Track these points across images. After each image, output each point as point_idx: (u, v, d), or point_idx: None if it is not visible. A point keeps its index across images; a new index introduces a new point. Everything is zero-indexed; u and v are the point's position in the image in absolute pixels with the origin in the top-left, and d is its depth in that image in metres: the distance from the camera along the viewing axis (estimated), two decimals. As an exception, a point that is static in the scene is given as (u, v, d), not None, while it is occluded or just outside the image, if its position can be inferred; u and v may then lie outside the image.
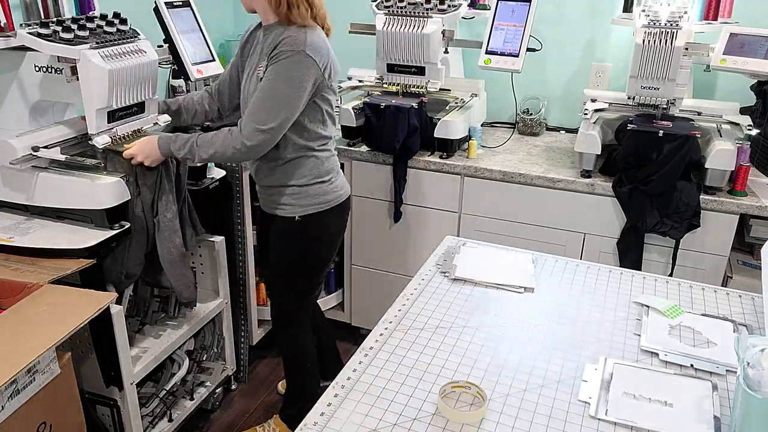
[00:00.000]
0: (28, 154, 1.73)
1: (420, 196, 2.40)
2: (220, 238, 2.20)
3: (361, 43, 2.59)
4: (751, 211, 2.00)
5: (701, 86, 2.45)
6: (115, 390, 1.79)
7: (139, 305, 2.04)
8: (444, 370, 1.17)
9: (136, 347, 1.96)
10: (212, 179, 2.08)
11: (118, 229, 1.74)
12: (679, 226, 2.04)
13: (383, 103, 2.30)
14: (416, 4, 2.29)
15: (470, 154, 2.35)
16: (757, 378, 0.92)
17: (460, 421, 1.03)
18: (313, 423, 1.03)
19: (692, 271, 2.12)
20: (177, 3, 1.98)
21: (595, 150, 2.13)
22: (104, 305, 1.49)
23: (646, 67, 2.03)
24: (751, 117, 2.17)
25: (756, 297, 1.45)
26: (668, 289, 1.48)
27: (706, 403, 1.09)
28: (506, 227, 2.31)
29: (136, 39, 1.78)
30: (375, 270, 2.60)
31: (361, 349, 1.23)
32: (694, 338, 1.28)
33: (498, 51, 2.25)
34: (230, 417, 2.34)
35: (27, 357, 1.28)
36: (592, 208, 2.18)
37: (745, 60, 1.97)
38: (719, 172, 2.02)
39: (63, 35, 1.63)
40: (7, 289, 1.52)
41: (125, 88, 1.73)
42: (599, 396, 1.10)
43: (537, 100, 2.69)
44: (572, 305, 1.39)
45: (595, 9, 2.57)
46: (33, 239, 1.69)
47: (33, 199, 1.78)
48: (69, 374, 1.51)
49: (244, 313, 2.45)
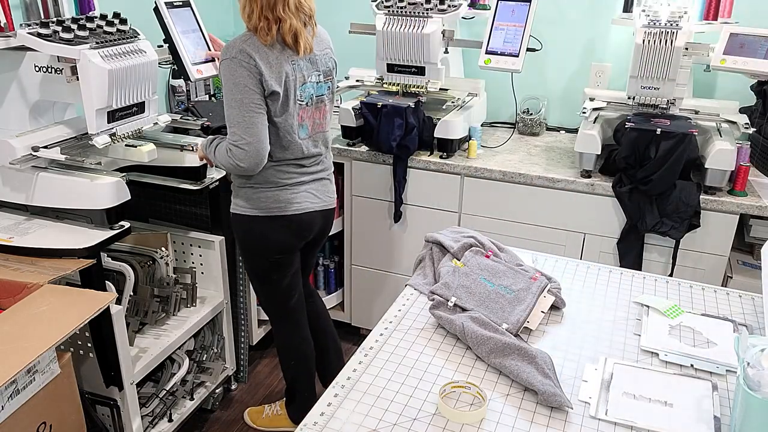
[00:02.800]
0: (28, 154, 1.73)
1: (420, 196, 2.41)
2: (220, 238, 2.20)
3: (361, 43, 2.59)
4: (751, 211, 2.00)
5: (701, 86, 2.45)
6: (115, 390, 1.79)
7: (139, 305, 2.04)
8: (444, 370, 1.17)
9: (136, 347, 1.96)
10: (212, 179, 2.08)
11: (118, 229, 1.74)
12: (679, 226, 2.04)
13: (380, 103, 2.30)
14: (416, 4, 2.29)
15: (470, 154, 2.35)
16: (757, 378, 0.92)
17: (460, 421, 1.03)
18: (313, 423, 1.03)
19: (692, 271, 2.12)
20: (177, 3, 1.98)
21: (595, 150, 2.13)
22: (104, 305, 1.49)
23: (646, 67, 2.03)
24: (750, 117, 2.18)
25: (756, 297, 1.45)
26: (668, 289, 1.48)
27: (706, 403, 1.09)
28: (506, 227, 2.31)
29: (136, 39, 1.78)
30: (375, 270, 2.60)
31: (361, 349, 1.23)
32: (694, 338, 1.28)
33: (498, 51, 2.25)
34: (230, 417, 2.34)
35: (27, 357, 1.28)
36: (592, 208, 2.18)
37: (745, 60, 1.97)
38: (719, 172, 2.02)
39: (63, 35, 1.63)
40: (7, 289, 1.52)
41: (125, 88, 1.73)
42: (599, 396, 1.10)
43: (537, 100, 2.69)
44: (572, 305, 1.39)
45: (595, 9, 2.57)
46: (33, 239, 1.69)
47: (33, 199, 1.78)
48: (69, 374, 1.51)
49: (244, 313, 2.45)
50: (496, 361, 1.16)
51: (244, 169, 1.71)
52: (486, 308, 1.28)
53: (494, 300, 1.29)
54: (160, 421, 2.05)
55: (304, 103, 1.79)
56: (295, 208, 1.85)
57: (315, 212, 1.90)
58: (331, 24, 2.96)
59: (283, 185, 1.82)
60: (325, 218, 1.97)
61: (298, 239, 1.92)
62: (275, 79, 1.68)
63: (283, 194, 1.83)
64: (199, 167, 2.01)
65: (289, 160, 1.81)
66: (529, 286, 1.32)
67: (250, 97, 1.65)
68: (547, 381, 1.08)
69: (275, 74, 1.68)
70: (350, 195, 2.51)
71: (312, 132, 1.84)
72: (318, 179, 1.91)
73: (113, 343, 1.69)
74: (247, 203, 1.83)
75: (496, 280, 1.34)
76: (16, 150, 1.70)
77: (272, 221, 1.84)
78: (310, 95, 1.80)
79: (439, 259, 1.48)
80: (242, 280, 2.40)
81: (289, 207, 1.84)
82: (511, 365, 1.13)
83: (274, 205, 1.82)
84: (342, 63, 2.80)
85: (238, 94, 1.65)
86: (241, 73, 1.63)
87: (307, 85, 1.78)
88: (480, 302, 1.29)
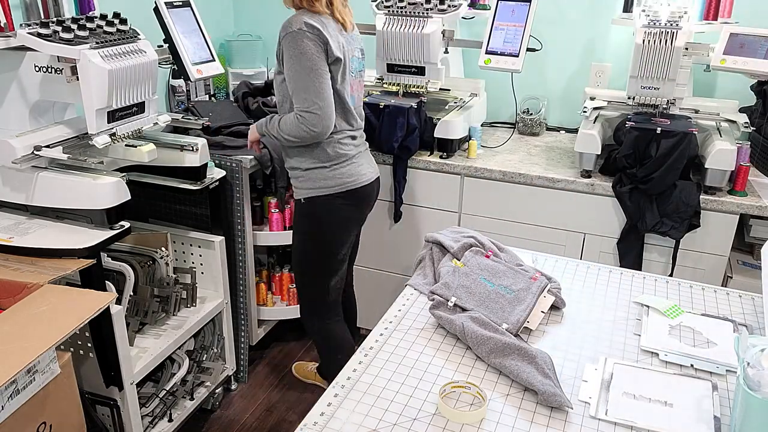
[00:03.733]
0: (29, 153, 1.73)
1: (420, 196, 2.41)
2: (220, 238, 2.20)
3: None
4: (751, 211, 2.00)
5: (701, 86, 2.45)
6: (115, 390, 1.79)
7: (139, 305, 2.04)
8: (444, 370, 1.17)
9: (136, 347, 1.96)
10: (212, 179, 2.08)
11: (118, 229, 1.74)
12: (679, 226, 2.04)
13: (382, 103, 2.30)
14: (416, 4, 2.29)
15: (470, 154, 2.35)
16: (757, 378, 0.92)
17: (460, 421, 1.03)
18: (313, 423, 1.03)
19: (692, 271, 2.12)
20: (177, 3, 1.98)
21: (595, 150, 2.13)
22: (104, 305, 1.49)
23: (646, 67, 2.03)
24: (750, 117, 2.18)
25: (756, 297, 1.45)
26: (668, 289, 1.48)
27: (706, 403, 1.09)
28: (506, 227, 2.31)
29: (136, 39, 1.78)
30: (375, 270, 2.60)
31: (361, 349, 1.23)
32: (694, 338, 1.28)
33: (498, 51, 2.25)
34: (230, 417, 2.34)
35: (27, 357, 1.28)
36: (592, 208, 2.18)
37: (745, 60, 1.97)
38: (719, 172, 2.02)
39: (63, 35, 1.63)
40: (7, 289, 1.52)
41: (125, 88, 1.73)
42: (599, 396, 1.10)
43: (537, 100, 2.69)
44: (572, 305, 1.39)
45: (595, 9, 2.57)
46: (33, 239, 1.69)
47: (33, 199, 1.78)
48: (69, 374, 1.51)
49: (244, 313, 2.45)
50: (496, 361, 1.16)
51: (317, 134, 1.81)
52: (486, 308, 1.28)
53: (494, 300, 1.29)
54: (160, 421, 2.05)
55: (353, 75, 1.94)
56: (364, 180, 1.98)
57: (374, 181, 2.05)
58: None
59: (349, 158, 1.94)
60: (379, 187, 2.11)
61: (367, 210, 2.08)
62: (337, 47, 1.80)
63: (352, 167, 1.95)
64: (199, 167, 2.01)
65: (346, 132, 1.93)
66: (529, 286, 1.32)
67: (317, 64, 1.76)
68: (547, 381, 1.08)
69: (336, 43, 1.80)
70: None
71: (357, 103, 1.99)
72: (366, 150, 2.06)
73: (113, 343, 1.69)
74: (325, 182, 1.92)
75: (496, 280, 1.34)
76: (17, 150, 1.70)
77: (349, 195, 1.95)
78: (356, 68, 1.96)
79: (439, 259, 1.48)
80: (242, 280, 2.40)
81: (361, 179, 1.97)
82: (511, 365, 1.13)
83: (348, 179, 1.94)
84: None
85: (306, 62, 1.75)
86: (307, 44, 1.74)
87: (354, 58, 1.94)
88: (480, 302, 1.29)
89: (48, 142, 1.77)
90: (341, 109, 1.90)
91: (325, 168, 1.91)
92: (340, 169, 1.93)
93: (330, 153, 1.90)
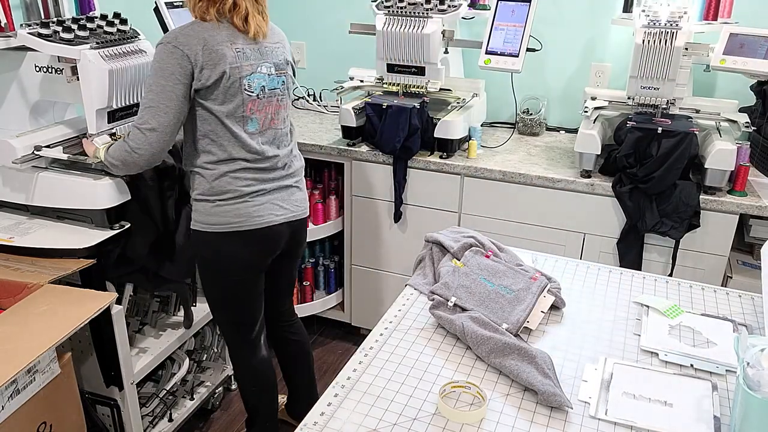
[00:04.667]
0: (30, 153, 1.73)
1: (420, 196, 2.41)
2: (220, 238, 2.20)
3: (361, 43, 2.59)
4: (751, 211, 2.00)
5: (701, 86, 2.45)
6: (115, 390, 1.79)
7: (139, 305, 2.04)
8: (444, 370, 1.17)
9: (136, 347, 1.96)
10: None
11: (118, 229, 1.74)
12: (678, 226, 2.04)
13: (385, 103, 2.30)
14: (416, 4, 2.29)
15: (470, 154, 2.35)
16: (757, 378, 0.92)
17: (460, 421, 1.04)
18: (313, 423, 1.03)
19: (692, 271, 2.12)
20: (177, 3, 1.98)
21: (595, 150, 2.13)
22: (104, 305, 1.49)
23: (646, 67, 2.03)
24: (750, 117, 2.18)
25: (756, 297, 1.45)
26: (668, 289, 1.48)
27: (706, 403, 1.09)
28: (506, 227, 2.31)
29: (136, 39, 1.78)
30: (375, 270, 2.60)
31: (361, 349, 1.23)
32: (694, 338, 1.28)
33: (498, 51, 2.25)
34: (230, 417, 2.34)
35: (27, 357, 1.29)
36: (592, 208, 2.18)
37: (745, 60, 1.97)
38: (719, 172, 2.02)
39: (63, 35, 1.63)
40: (7, 289, 1.52)
41: (125, 88, 1.73)
42: (599, 396, 1.10)
43: (537, 100, 2.69)
44: (572, 305, 1.39)
45: (595, 9, 2.57)
46: (33, 239, 1.69)
47: (33, 199, 1.78)
48: (69, 374, 1.51)
49: (244, 313, 2.44)
50: (496, 361, 1.16)
51: (137, 157, 1.58)
52: (486, 308, 1.28)
53: (494, 300, 1.29)
54: (160, 421, 2.05)
55: (254, 94, 1.66)
56: (257, 222, 1.70)
57: (281, 225, 1.75)
58: (331, 24, 2.98)
59: (243, 195, 1.67)
60: (295, 230, 1.81)
61: (263, 256, 1.78)
62: (210, 65, 1.58)
63: (243, 207, 1.68)
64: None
65: (244, 163, 1.67)
66: (529, 286, 1.32)
67: (172, 86, 1.56)
68: (547, 381, 1.08)
69: (212, 60, 1.58)
70: (350, 195, 2.51)
71: (263, 127, 1.70)
72: (283, 187, 1.76)
73: (113, 343, 1.69)
74: (206, 218, 1.68)
75: (496, 280, 1.34)
76: (17, 150, 1.70)
77: (234, 237, 1.69)
78: (260, 86, 1.67)
79: (439, 259, 1.48)
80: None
81: (251, 221, 1.69)
82: (511, 365, 1.13)
83: (234, 219, 1.67)
84: (342, 63, 2.81)
85: (160, 79, 1.56)
86: (167, 60, 1.55)
87: (256, 75, 1.66)
88: (480, 302, 1.29)
89: (48, 142, 1.77)
90: (227, 137, 1.64)
91: (208, 202, 1.67)
92: (225, 206, 1.66)
93: (213, 186, 1.65)
